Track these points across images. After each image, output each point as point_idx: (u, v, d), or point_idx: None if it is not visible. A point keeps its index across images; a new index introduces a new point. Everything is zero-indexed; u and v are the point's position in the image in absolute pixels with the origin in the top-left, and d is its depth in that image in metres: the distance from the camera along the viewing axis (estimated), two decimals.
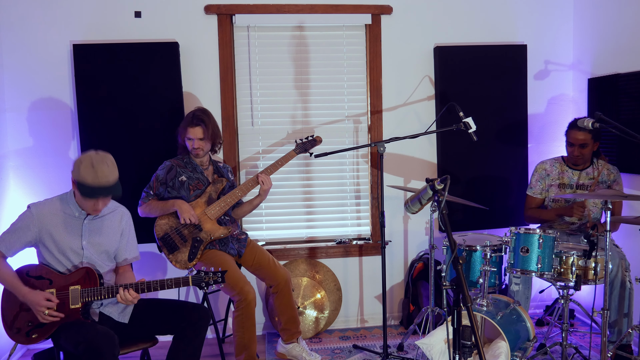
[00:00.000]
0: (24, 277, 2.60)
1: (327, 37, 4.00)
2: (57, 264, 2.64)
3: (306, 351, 3.47)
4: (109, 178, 2.55)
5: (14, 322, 2.59)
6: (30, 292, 2.53)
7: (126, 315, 2.77)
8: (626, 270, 3.23)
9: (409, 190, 3.54)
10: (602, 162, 3.59)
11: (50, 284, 2.58)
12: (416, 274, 4.00)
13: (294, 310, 3.49)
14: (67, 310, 2.56)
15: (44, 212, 2.63)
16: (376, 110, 4.03)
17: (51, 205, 2.68)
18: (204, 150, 3.35)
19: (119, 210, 2.84)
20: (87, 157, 2.55)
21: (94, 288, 2.58)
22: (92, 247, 2.70)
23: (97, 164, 2.53)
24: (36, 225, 2.61)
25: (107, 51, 3.64)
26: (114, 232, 2.79)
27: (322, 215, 4.12)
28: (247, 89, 3.97)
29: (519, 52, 4.06)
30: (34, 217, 2.61)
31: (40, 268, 2.64)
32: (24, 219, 2.62)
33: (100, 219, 2.74)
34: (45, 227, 2.62)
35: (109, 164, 2.57)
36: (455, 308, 2.04)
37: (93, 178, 2.51)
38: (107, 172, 2.55)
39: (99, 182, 2.52)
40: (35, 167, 3.73)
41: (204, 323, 2.79)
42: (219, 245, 3.36)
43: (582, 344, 3.65)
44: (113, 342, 2.46)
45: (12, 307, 2.60)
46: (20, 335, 2.58)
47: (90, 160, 2.53)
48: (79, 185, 2.54)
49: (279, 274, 3.42)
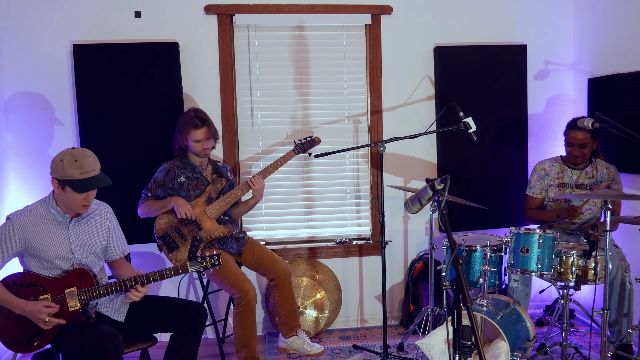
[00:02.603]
0: (11, 287, 2.51)
1: (327, 37, 4.00)
2: (45, 271, 2.58)
3: (307, 342, 3.49)
4: (95, 167, 2.53)
5: (12, 335, 2.51)
6: (28, 303, 2.46)
7: (122, 313, 2.75)
8: (626, 271, 3.23)
9: (409, 190, 3.54)
10: (600, 161, 3.59)
11: (44, 290, 2.52)
12: (416, 274, 4.00)
13: (294, 304, 3.50)
14: (66, 314, 2.52)
15: (26, 222, 2.54)
16: (376, 110, 4.03)
17: (32, 212, 2.59)
18: (209, 149, 3.40)
19: (102, 208, 2.79)
20: (66, 153, 2.52)
21: (91, 287, 2.56)
22: (82, 250, 2.65)
23: (79, 157, 2.50)
24: (20, 236, 2.52)
25: (107, 51, 3.64)
26: (100, 232, 2.74)
27: (322, 215, 4.12)
28: (247, 89, 3.97)
29: (519, 52, 4.06)
30: (17, 228, 2.52)
31: (28, 275, 2.55)
32: (6, 231, 2.52)
33: (85, 220, 2.69)
34: (30, 237, 2.53)
35: (90, 155, 2.55)
36: (455, 308, 2.04)
37: (81, 171, 2.48)
38: (92, 162, 2.52)
39: (87, 174, 2.49)
40: (35, 167, 3.73)
41: (202, 321, 2.79)
42: (218, 245, 3.36)
43: (582, 344, 3.65)
44: (118, 341, 2.45)
45: (6, 322, 2.52)
46: (20, 345, 2.51)
47: (72, 156, 2.50)
48: (68, 182, 2.48)
49: (280, 267, 3.43)
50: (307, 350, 3.47)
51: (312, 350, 3.47)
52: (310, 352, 3.47)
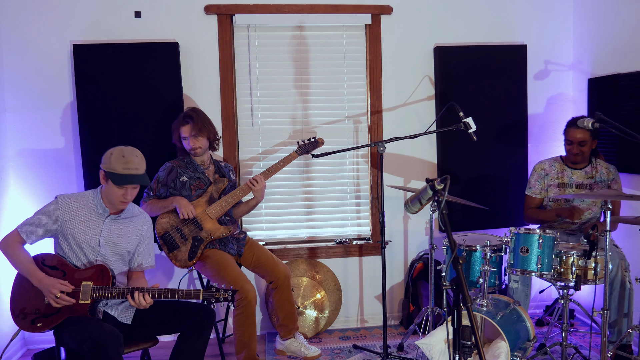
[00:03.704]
0: (39, 264, 2.64)
1: (327, 37, 4.00)
2: (73, 257, 2.68)
3: (304, 345, 3.49)
4: (138, 167, 2.68)
5: (23, 307, 2.61)
6: (45, 277, 2.58)
7: (129, 316, 2.78)
8: (626, 271, 3.23)
9: (409, 190, 3.54)
10: (600, 161, 3.59)
11: (64, 276, 2.62)
12: (416, 274, 4.00)
13: (292, 307, 3.50)
14: (76, 304, 2.58)
15: (69, 204, 2.70)
16: (376, 110, 4.03)
17: (78, 198, 2.74)
18: (201, 147, 3.35)
19: (142, 217, 2.89)
20: (117, 149, 2.69)
21: (106, 286, 2.60)
22: (109, 246, 2.73)
23: (127, 154, 2.67)
24: (59, 216, 2.66)
25: (107, 51, 3.64)
26: (132, 236, 2.81)
27: (322, 215, 4.12)
28: (247, 89, 3.97)
29: (519, 52, 4.06)
30: (59, 207, 2.67)
31: (56, 258, 2.68)
32: (49, 208, 2.68)
33: (121, 221, 2.78)
34: (67, 219, 2.67)
35: (138, 155, 2.72)
36: (455, 308, 2.04)
37: (124, 167, 2.63)
38: (137, 161, 2.68)
39: (129, 171, 2.63)
40: (35, 167, 3.73)
41: (210, 321, 2.79)
42: (218, 245, 3.36)
43: (582, 344, 3.65)
44: (118, 341, 2.47)
45: (23, 293, 2.63)
46: (25, 321, 2.60)
47: (121, 152, 2.67)
48: (110, 175, 2.63)
49: (279, 270, 3.43)
50: (304, 353, 3.46)
51: (310, 353, 3.47)
52: (308, 355, 3.46)
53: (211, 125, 3.41)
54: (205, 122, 3.35)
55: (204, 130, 3.32)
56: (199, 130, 3.30)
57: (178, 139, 3.39)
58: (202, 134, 3.32)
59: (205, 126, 3.34)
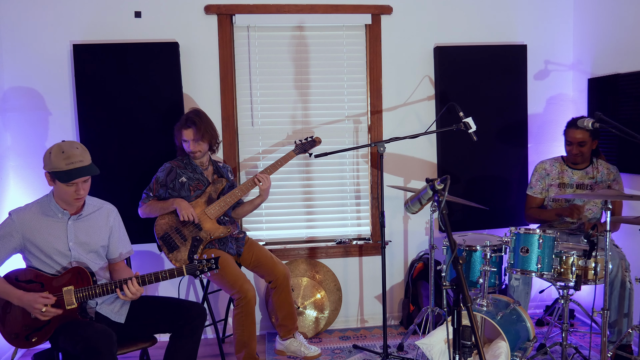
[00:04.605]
0: (13, 282, 2.56)
1: (327, 37, 4.00)
2: (46, 267, 2.61)
3: (304, 345, 3.49)
4: (82, 158, 2.55)
5: (11, 329, 2.55)
6: (25, 294, 2.50)
7: (122, 315, 2.75)
8: (626, 270, 3.23)
9: (409, 190, 3.54)
10: (601, 161, 3.59)
11: (42, 287, 2.55)
12: (416, 274, 4.00)
13: (291, 307, 3.50)
14: (64, 312, 2.54)
15: (25, 218, 2.59)
16: (376, 110, 4.03)
17: (32, 209, 2.63)
18: (201, 151, 3.35)
19: (105, 208, 2.81)
20: (54, 146, 2.56)
21: (88, 287, 2.56)
22: (80, 247, 2.66)
23: (66, 149, 2.53)
24: (18, 232, 2.57)
25: (107, 51, 3.64)
26: (101, 231, 2.75)
27: (322, 215, 4.12)
28: (247, 89, 3.97)
29: (519, 52, 4.06)
30: (15, 223, 2.57)
31: (29, 272, 2.59)
32: (6, 227, 2.58)
33: (85, 219, 2.70)
34: (28, 232, 2.57)
35: (79, 147, 2.58)
36: (455, 308, 2.04)
37: (67, 162, 2.51)
38: (79, 153, 2.55)
39: (73, 165, 2.51)
40: (35, 167, 3.72)
41: (201, 321, 2.78)
42: (218, 245, 3.36)
43: (582, 344, 3.65)
44: (111, 340, 2.45)
45: (7, 316, 2.56)
46: (19, 340, 2.55)
47: (59, 148, 2.54)
48: (55, 174, 2.52)
49: (278, 270, 3.43)
50: (304, 353, 3.46)
51: (310, 353, 3.47)
52: (308, 355, 3.47)
53: (213, 129, 3.41)
54: (207, 127, 3.34)
55: (206, 135, 3.32)
56: (201, 136, 3.30)
57: (178, 140, 3.40)
58: (204, 139, 3.33)
59: (208, 131, 3.34)
